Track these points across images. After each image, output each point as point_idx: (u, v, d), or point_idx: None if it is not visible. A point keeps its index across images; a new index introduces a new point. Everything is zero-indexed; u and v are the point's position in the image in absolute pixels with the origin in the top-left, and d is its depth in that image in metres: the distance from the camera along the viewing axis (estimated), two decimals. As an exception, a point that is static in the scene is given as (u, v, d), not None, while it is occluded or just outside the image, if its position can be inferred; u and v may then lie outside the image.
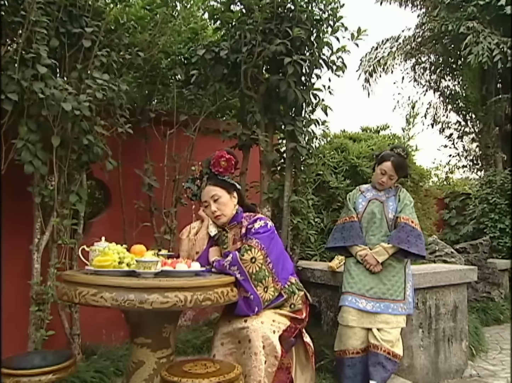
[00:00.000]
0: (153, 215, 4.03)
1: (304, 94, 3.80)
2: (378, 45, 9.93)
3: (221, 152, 2.48)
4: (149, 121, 3.91)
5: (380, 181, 3.15)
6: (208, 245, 2.52)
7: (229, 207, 2.50)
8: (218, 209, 2.46)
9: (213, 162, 2.49)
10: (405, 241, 2.92)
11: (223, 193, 2.48)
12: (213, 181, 2.50)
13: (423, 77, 10.37)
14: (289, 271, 2.54)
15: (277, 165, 4.05)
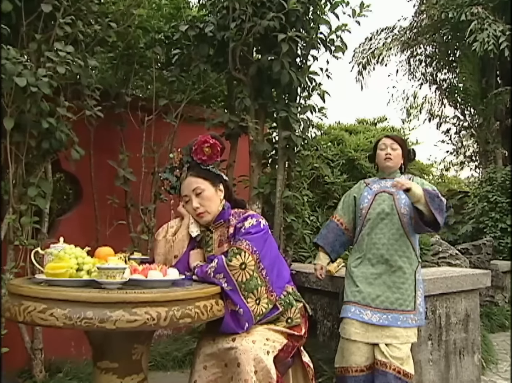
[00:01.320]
0: (129, 212, 3.71)
1: (300, 77, 3.43)
2: (372, 35, 9.64)
3: (205, 137, 2.10)
4: (125, 106, 3.56)
5: (386, 157, 2.78)
6: (189, 247, 2.15)
7: (214, 202, 2.12)
8: (201, 204, 2.09)
9: (195, 149, 2.11)
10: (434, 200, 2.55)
11: (207, 186, 2.11)
12: (195, 171, 2.13)
13: (418, 70, 10.11)
14: (285, 279, 2.17)
15: (269, 157, 3.74)
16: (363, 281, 2.71)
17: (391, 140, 2.79)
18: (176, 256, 2.13)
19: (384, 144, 2.80)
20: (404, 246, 2.70)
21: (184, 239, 2.15)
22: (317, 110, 3.61)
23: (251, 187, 3.55)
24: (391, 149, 2.78)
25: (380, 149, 2.82)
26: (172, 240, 2.14)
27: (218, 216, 2.15)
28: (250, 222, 2.05)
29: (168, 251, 2.12)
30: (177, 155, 2.20)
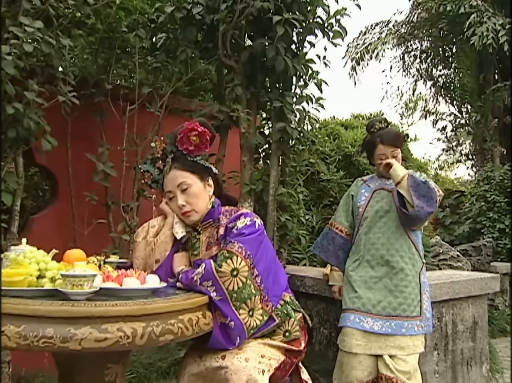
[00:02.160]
0: (110, 210, 3.43)
1: (296, 65, 3.19)
2: (366, 29, 9.44)
3: (192, 124, 1.85)
4: (105, 95, 3.28)
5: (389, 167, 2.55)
6: (173, 250, 1.91)
7: (202, 199, 1.88)
8: (188, 202, 1.84)
9: (180, 137, 1.86)
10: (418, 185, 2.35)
11: (194, 180, 1.86)
12: (180, 163, 1.88)
13: (413, 66, 9.97)
14: (282, 286, 1.93)
15: (261, 151, 3.52)
16: (362, 285, 2.48)
17: (391, 147, 2.52)
18: (158, 260, 1.87)
19: (383, 154, 2.53)
20: (405, 245, 2.48)
21: (167, 241, 1.90)
22: (314, 100, 3.35)
23: (242, 184, 3.32)
24: (392, 157, 2.53)
25: (377, 158, 2.57)
26: (153, 241, 1.88)
27: (206, 214, 1.90)
28: (243, 222, 1.80)
29: (148, 255, 1.87)
30: (159, 144, 1.95)
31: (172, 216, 1.92)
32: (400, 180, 2.37)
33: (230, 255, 1.70)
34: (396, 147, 2.51)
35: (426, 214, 2.37)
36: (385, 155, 2.51)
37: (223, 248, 1.76)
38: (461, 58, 7.63)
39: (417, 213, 2.34)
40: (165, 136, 1.95)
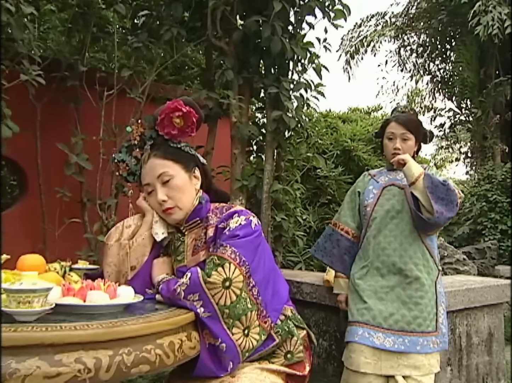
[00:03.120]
0: (85, 207, 3.16)
1: (293, 47, 2.92)
2: (362, 21, 9.21)
3: (175, 103, 1.57)
4: (80, 78, 3.00)
5: (395, 151, 2.27)
6: (152, 255, 1.62)
7: (187, 193, 1.60)
8: (170, 196, 1.56)
9: (161, 119, 1.57)
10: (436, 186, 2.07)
11: (177, 171, 1.58)
12: (161, 151, 1.60)
13: (409, 61, 9.78)
14: (283, 298, 1.65)
15: (255, 143, 3.31)
16: (372, 295, 2.21)
17: (403, 128, 2.25)
18: (134, 267, 1.59)
19: (393, 133, 2.27)
20: (419, 251, 2.21)
21: (145, 244, 1.61)
22: (313, 87, 3.09)
23: (233, 180, 3.08)
24: (401, 140, 2.26)
25: (387, 138, 2.31)
26: (129, 244, 1.60)
27: (192, 212, 1.62)
28: (236, 221, 1.52)
29: (122, 260, 1.58)
30: (136, 128, 1.66)
31: (151, 214, 1.64)
32: (414, 181, 2.09)
33: (222, 262, 1.42)
34: (409, 131, 2.24)
35: (446, 219, 2.10)
36: (394, 135, 2.26)
37: (213, 253, 1.47)
38: (461, 52, 7.45)
39: (436, 219, 2.06)
40: (143, 119, 1.66)
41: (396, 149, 2.24)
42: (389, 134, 2.28)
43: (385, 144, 2.32)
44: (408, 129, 2.24)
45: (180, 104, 1.57)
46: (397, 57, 10.01)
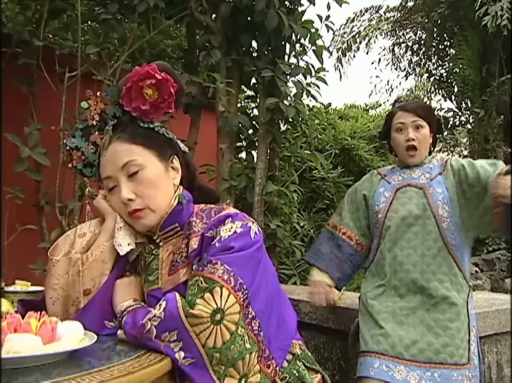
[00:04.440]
0: (42, 212, 2.82)
1: (292, 23, 2.62)
2: (355, 15, 8.99)
3: (146, 68, 1.19)
4: (36, 56, 2.66)
5: (408, 144, 1.98)
6: (114, 273, 1.26)
7: (163, 189, 1.25)
8: (138, 194, 1.21)
9: (127, 89, 1.20)
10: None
11: (148, 159, 1.23)
12: (127, 133, 1.25)
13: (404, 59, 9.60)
14: (290, 331, 1.29)
15: (244, 137, 3.01)
16: (389, 319, 1.86)
17: (413, 116, 1.97)
18: (88, 291, 1.21)
19: (403, 123, 1.99)
20: (445, 264, 1.87)
21: (105, 259, 1.24)
22: (314, 72, 2.77)
23: (220, 180, 2.83)
24: (414, 129, 1.96)
25: (396, 131, 2.01)
26: (82, 260, 1.22)
27: (169, 216, 1.24)
28: (230, 228, 1.16)
29: (72, 282, 1.20)
30: (94, 104, 1.28)
31: (112, 218, 1.26)
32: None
33: (210, 285, 1.05)
34: (420, 117, 1.97)
35: None
36: (404, 125, 1.97)
37: (198, 272, 1.10)
38: (462, 48, 7.28)
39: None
40: (103, 92, 1.29)
41: (409, 140, 1.95)
42: (398, 125, 2.00)
43: (393, 138, 2.02)
44: (420, 116, 1.97)
45: (153, 69, 1.20)
46: (391, 55, 9.82)
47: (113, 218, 1.26)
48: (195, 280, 1.08)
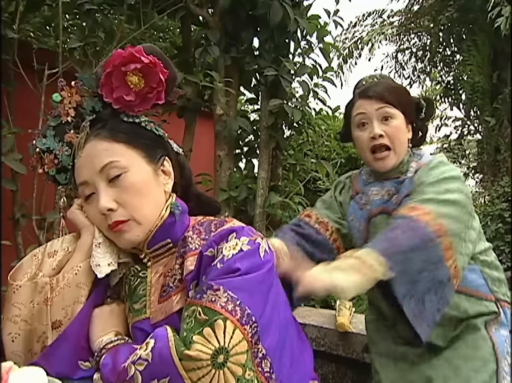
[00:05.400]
0: (18, 225, 2.69)
1: (298, 17, 2.50)
2: (357, 20, 8.94)
3: (130, 50, 1.03)
4: (12, 52, 2.53)
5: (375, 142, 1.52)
6: (91, 301, 1.08)
7: (151, 197, 1.09)
8: (121, 202, 1.05)
9: (107, 74, 1.03)
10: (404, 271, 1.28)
11: (133, 160, 1.08)
12: (107, 129, 1.08)
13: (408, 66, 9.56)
14: (307, 370, 1.13)
15: (245, 143, 2.91)
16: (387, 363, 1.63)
17: (378, 102, 1.52)
18: (59, 323, 1.05)
19: (364, 114, 1.53)
20: None
21: (80, 282, 1.08)
22: (321, 72, 2.65)
23: (217, 190, 2.72)
24: (381, 121, 1.52)
25: (357, 127, 1.57)
26: (51, 284, 1.05)
27: (159, 229, 1.08)
28: (235, 245, 0.99)
29: (38, 313, 1.04)
30: (69, 96, 1.11)
31: (90, 233, 1.10)
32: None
33: (211, 318, 0.88)
34: (388, 103, 1.52)
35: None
36: (366, 116, 1.52)
37: (196, 300, 0.92)
38: (472, 53, 7.25)
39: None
40: (78, 79, 1.11)
41: (375, 138, 1.50)
42: (358, 118, 1.54)
43: (355, 137, 1.58)
44: (387, 101, 1.51)
45: (139, 52, 1.02)
46: (394, 62, 9.79)
47: (91, 233, 1.09)
48: (192, 311, 0.90)
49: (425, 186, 1.40)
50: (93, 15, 2.43)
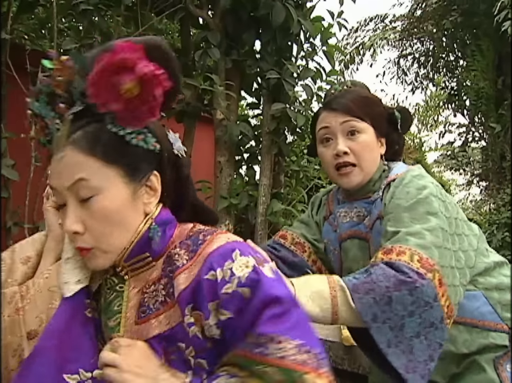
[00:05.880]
0: (10, 234, 2.65)
1: (301, 19, 2.45)
2: (359, 25, 8.91)
3: (124, 54, 0.91)
4: (4, 53, 2.48)
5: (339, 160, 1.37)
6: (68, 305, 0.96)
7: (124, 226, 0.95)
8: (89, 227, 0.92)
9: (96, 75, 0.92)
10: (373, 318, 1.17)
11: (107, 180, 0.92)
12: (88, 137, 0.92)
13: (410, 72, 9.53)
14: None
15: (246, 149, 2.84)
16: None
17: (343, 115, 1.38)
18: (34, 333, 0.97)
19: (327, 128, 1.39)
20: None
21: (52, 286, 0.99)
22: (325, 75, 2.60)
23: (217, 197, 2.66)
24: (345, 136, 1.38)
25: (321, 142, 1.43)
26: (21, 292, 0.98)
27: (136, 244, 0.95)
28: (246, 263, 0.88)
29: (10, 325, 0.97)
30: (60, 68, 1.00)
31: (54, 240, 1.03)
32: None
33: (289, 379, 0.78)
34: (355, 116, 1.37)
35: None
36: (329, 130, 1.38)
37: (259, 356, 0.81)
38: (476, 58, 7.19)
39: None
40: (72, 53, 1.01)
41: (339, 155, 1.36)
42: (321, 133, 1.41)
43: (319, 154, 1.45)
44: (353, 114, 1.37)
45: (136, 56, 0.88)
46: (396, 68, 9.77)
47: (55, 239, 1.01)
48: (263, 372, 0.78)
49: (401, 212, 1.25)
50: (89, 16, 2.37)
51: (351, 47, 9.43)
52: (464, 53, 7.79)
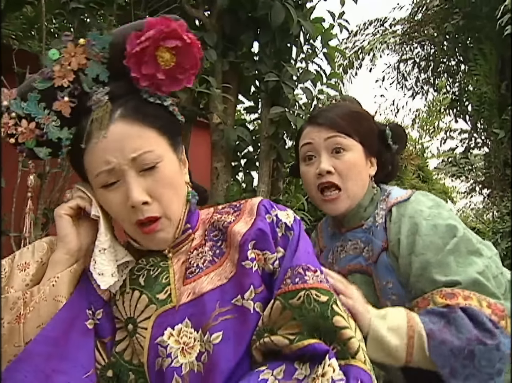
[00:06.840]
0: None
1: (301, 19, 2.42)
2: (359, 29, 8.91)
3: (173, 25, 0.93)
4: None
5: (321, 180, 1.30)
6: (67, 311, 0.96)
7: (179, 191, 1.03)
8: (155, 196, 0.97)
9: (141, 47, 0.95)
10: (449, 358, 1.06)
11: (164, 148, 0.99)
12: (130, 109, 0.96)
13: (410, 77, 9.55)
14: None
15: (243, 155, 2.81)
16: None
17: (328, 130, 1.29)
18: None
19: (310, 144, 1.32)
20: None
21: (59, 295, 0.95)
22: (326, 78, 2.57)
23: (213, 203, 2.48)
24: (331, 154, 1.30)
25: (304, 160, 1.37)
26: (24, 299, 0.93)
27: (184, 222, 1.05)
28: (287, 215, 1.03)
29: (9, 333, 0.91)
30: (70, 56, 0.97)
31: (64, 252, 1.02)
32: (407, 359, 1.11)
33: (330, 298, 0.93)
34: (341, 132, 1.29)
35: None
36: (312, 147, 1.31)
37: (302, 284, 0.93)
38: (479, 62, 7.17)
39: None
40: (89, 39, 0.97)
41: (321, 175, 1.29)
42: (304, 149, 1.33)
43: (302, 173, 1.37)
44: (340, 129, 1.28)
45: (182, 27, 0.93)
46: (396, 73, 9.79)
47: (69, 253, 0.98)
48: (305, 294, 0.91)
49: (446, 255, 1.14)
50: (80, 15, 2.33)
51: (350, 52, 9.44)
52: (466, 57, 7.79)
